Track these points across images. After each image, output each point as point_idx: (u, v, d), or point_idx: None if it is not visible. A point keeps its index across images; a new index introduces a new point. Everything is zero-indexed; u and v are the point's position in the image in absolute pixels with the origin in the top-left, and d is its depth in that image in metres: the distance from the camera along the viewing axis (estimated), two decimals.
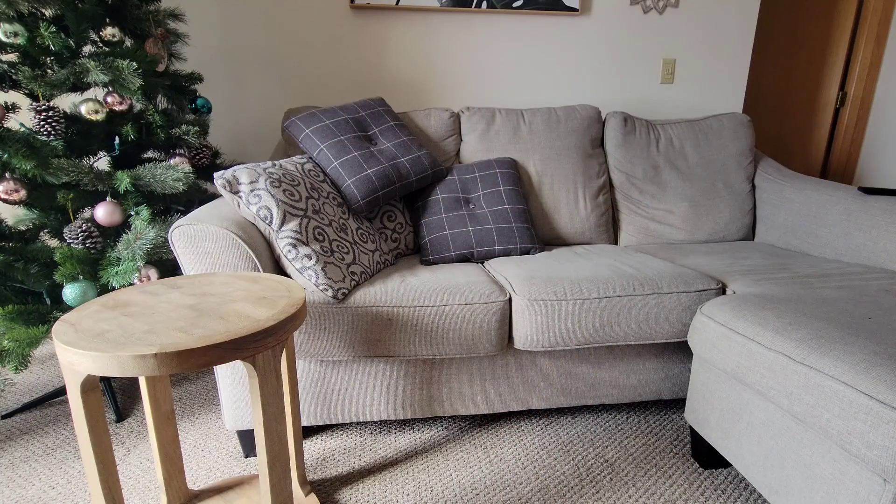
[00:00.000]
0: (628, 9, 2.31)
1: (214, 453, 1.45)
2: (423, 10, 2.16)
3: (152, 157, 1.73)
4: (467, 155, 2.01)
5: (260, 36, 2.13)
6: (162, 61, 1.69)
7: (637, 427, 1.58)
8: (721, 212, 2.12)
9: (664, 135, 2.15)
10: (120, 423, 1.58)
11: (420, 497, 1.28)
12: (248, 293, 1.04)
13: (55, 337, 0.85)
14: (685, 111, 2.40)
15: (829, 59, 3.01)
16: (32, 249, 1.49)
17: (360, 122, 1.78)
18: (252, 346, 0.87)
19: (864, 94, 2.88)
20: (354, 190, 1.59)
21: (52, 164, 1.39)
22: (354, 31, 2.17)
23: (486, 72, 2.29)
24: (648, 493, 1.30)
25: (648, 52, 2.38)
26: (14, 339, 1.33)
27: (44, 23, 1.40)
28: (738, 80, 2.49)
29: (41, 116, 1.39)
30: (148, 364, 0.80)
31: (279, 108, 2.09)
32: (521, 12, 2.21)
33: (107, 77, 1.43)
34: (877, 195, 1.87)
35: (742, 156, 2.17)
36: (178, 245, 1.26)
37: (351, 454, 1.45)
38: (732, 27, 2.40)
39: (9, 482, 1.34)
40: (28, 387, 1.77)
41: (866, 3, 2.81)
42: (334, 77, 2.20)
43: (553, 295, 1.39)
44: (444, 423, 1.59)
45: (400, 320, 1.34)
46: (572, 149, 2.03)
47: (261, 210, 1.31)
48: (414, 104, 2.21)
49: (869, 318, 1.26)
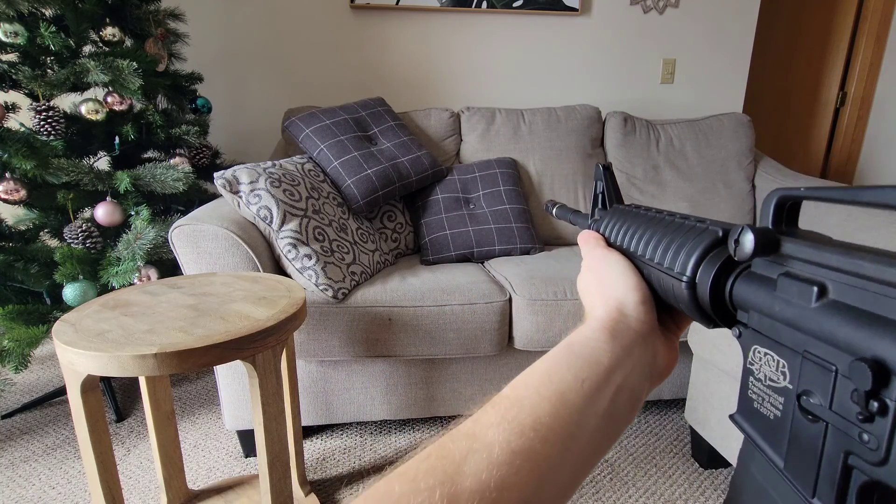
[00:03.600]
0: (628, 9, 2.31)
1: (214, 453, 1.45)
2: (423, 9, 2.16)
3: (152, 157, 1.73)
4: (467, 155, 2.01)
5: (260, 36, 2.13)
6: (162, 61, 1.69)
7: (637, 427, 1.58)
8: (721, 212, 2.12)
9: (664, 135, 2.15)
10: (120, 423, 1.58)
11: None
12: (248, 293, 1.04)
13: (55, 337, 0.85)
14: (685, 111, 2.40)
15: (829, 59, 3.01)
16: (32, 249, 1.49)
17: (360, 122, 1.78)
18: (252, 346, 0.87)
19: (864, 93, 2.88)
20: (354, 190, 1.59)
21: (52, 164, 1.39)
22: (354, 31, 2.17)
23: (486, 72, 2.29)
24: (648, 493, 1.30)
25: (648, 52, 2.38)
26: (14, 339, 1.33)
27: (44, 23, 1.40)
28: (738, 80, 2.49)
29: (41, 116, 1.39)
30: (148, 364, 0.80)
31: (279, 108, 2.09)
32: (521, 12, 2.21)
33: (107, 77, 1.42)
34: None
35: (742, 156, 2.17)
36: (178, 245, 1.26)
37: (351, 454, 1.45)
38: (732, 27, 2.40)
39: (9, 482, 1.34)
40: (28, 387, 1.77)
41: (866, 3, 2.81)
42: (334, 77, 2.20)
43: (553, 295, 1.39)
44: (444, 423, 1.59)
45: (400, 320, 1.33)
46: (572, 149, 2.03)
47: (261, 210, 1.31)
48: (414, 104, 2.21)
49: None
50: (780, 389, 0.23)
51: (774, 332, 0.23)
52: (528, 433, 0.25)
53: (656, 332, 0.34)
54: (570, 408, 0.27)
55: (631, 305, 0.33)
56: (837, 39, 2.95)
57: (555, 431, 0.26)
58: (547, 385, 0.28)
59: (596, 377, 0.29)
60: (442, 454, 0.24)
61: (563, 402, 0.27)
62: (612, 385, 0.29)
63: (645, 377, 0.32)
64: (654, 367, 0.33)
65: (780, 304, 0.23)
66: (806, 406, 0.21)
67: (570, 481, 0.27)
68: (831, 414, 0.20)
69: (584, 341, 0.31)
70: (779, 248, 0.24)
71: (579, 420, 0.27)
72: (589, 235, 0.42)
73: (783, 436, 0.23)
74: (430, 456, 0.24)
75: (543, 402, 0.27)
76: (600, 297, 0.35)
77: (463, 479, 0.22)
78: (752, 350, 0.25)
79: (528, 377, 0.29)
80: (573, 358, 0.30)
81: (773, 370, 0.23)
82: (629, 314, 0.33)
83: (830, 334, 0.20)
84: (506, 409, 0.26)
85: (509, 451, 0.24)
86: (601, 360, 0.30)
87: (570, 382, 0.28)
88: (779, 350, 0.23)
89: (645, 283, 0.35)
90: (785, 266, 0.24)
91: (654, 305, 0.35)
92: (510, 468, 0.23)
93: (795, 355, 0.22)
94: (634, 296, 0.34)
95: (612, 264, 0.36)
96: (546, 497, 0.25)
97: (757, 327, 0.25)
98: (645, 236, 0.35)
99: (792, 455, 0.22)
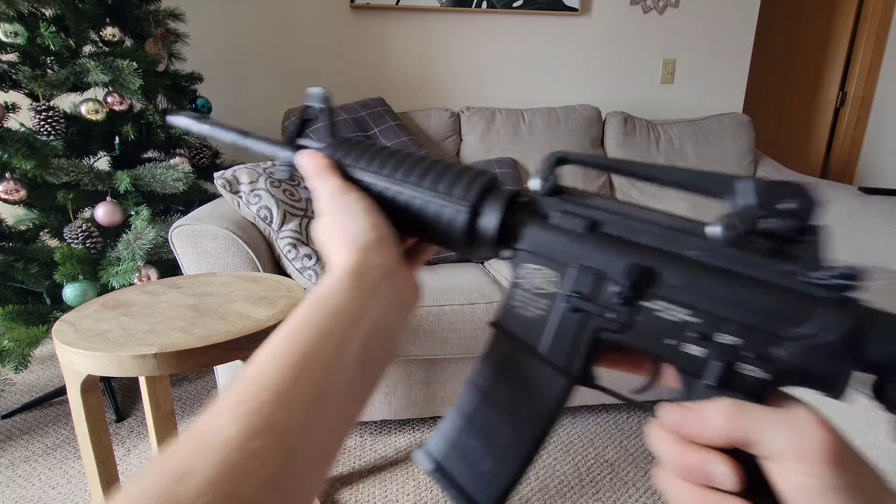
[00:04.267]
0: (628, 9, 2.31)
1: None
2: (423, 9, 2.16)
3: (152, 157, 1.73)
4: (467, 155, 2.01)
5: (260, 36, 2.13)
6: (162, 61, 1.69)
7: (637, 427, 1.58)
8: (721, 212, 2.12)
9: (664, 135, 2.15)
10: (120, 423, 1.58)
11: (420, 497, 1.28)
12: (248, 293, 1.04)
13: (55, 337, 0.85)
14: (685, 111, 2.40)
15: (829, 59, 3.01)
16: (32, 249, 1.49)
17: (360, 122, 1.78)
18: (252, 346, 0.87)
19: (864, 94, 2.88)
20: None
21: (52, 164, 1.39)
22: (354, 31, 2.17)
23: (486, 72, 2.29)
24: (648, 493, 1.30)
25: (648, 52, 2.37)
26: (14, 339, 1.33)
27: (44, 23, 1.40)
28: (738, 80, 2.49)
29: (41, 116, 1.38)
30: (148, 364, 0.80)
31: (279, 108, 2.09)
32: (521, 12, 2.21)
33: (107, 77, 1.42)
34: (877, 195, 1.87)
35: (742, 156, 2.18)
36: (178, 245, 1.26)
37: (351, 454, 1.45)
38: (732, 27, 2.40)
39: (9, 482, 1.34)
40: (28, 387, 1.77)
41: (866, 3, 2.81)
42: (334, 77, 2.20)
43: None
44: None
45: None
46: (572, 149, 2.03)
47: (261, 210, 1.31)
48: (414, 104, 2.21)
49: None
50: (547, 295, 0.31)
51: (549, 251, 0.31)
52: (266, 408, 0.23)
53: (400, 266, 0.34)
54: (316, 367, 0.26)
55: (373, 245, 0.33)
56: (837, 40, 2.95)
57: (300, 396, 0.25)
58: (289, 350, 0.26)
59: (343, 327, 0.28)
60: (162, 467, 0.21)
61: (309, 362, 0.26)
62: (361, 330, 0.28)
63: (397, 312, 0.32)
64: (403, 300, 0.33)
65: (557, 230, 0.31)
66: (571, 302, 0.30)
67: (328, 442, 0.26)
68: (592, 305, 0.29)
69: (330, 292, 0.30)
70: (561, 193, 0.32)
71: (328, 377, 0.26)
72: (321, 161, 0.37)
73: (544, 328, 0.31)
74: (150, 472, 0.21)
75: (286, 370, 0.25)
76: (342, 243, 0.33)
77: (185, 487, 0.20)
78: (521, 268, 0.32)
79: (269, 346, 0.28)
80: (318, 313, 0.28)
81: (543, 280, 0.31)
82: (372, 253, 0.32)
83: (601, 250, 0.30)
84: (243, 390, 0.24)
85: (246, 434, 0.22)
86: (348, 307, 0.29)
87: (314, 341, 0.27)
88: (551, 265, 0.31)
89: (385, 220, 0.35)
90: (561, 204, 0.32)
91: (396, 239, 0.35)
92: (244, 454, 0.21)
93: (568, 268, 0.30)
94: (375, 234, 0.33)
95: (352, 204, 0.35)
96: (301, 466, 0.23)
97: (530, 249, 0.32)
98: (412, 166, 0.36)
99: (555, 340, 0.30)
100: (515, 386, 0.31)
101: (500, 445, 0.31)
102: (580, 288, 0.30)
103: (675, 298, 0.27)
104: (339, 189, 0.35)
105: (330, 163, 0.37)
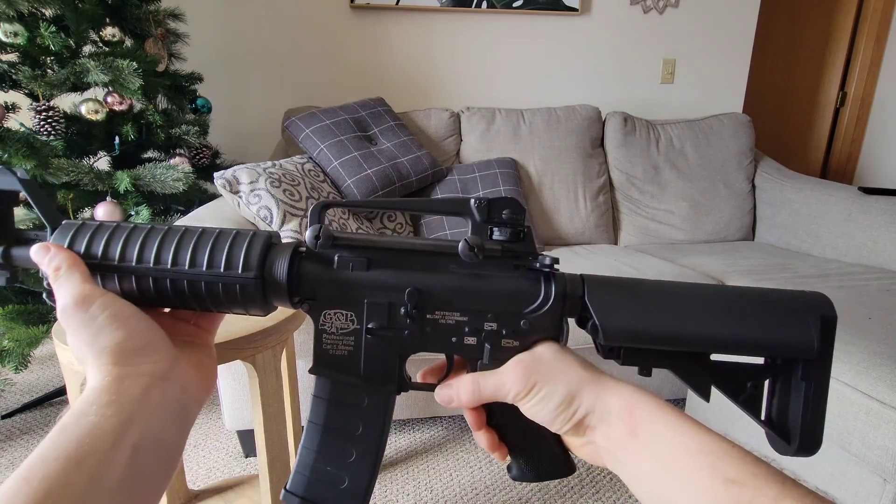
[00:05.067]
0: (628, 9, 2.31)
1: (214, 453, 1.45)
2: (423, 9, 2.16)
3: (152, 157, 1.73)
4: (467, 155, 2.01)
5: (260, 36, 2.13)
6: (162, 61, 1.69)
7: None
8: (721, 212, 2.12)
9: (664, 135, 2.15)
10: None
11: (420, 497, 1.28)
12: None
13: (55, 337, 0.85)
14: (685, 111, 2.40)
15: (829, 59, 3.01)
16: None
17: (360, 122, 1.78)
18: (252, 346, 0.87)
19: (864, 94, 2.88)
20: (354, 190, 1.59)
21: (52, 164, 1.39)
22: (354, 31, 2.17)
23: (486, 72, 2.29)
24: None
25: (648, 52, 2.37)
26: (14, 339, 1.33)
27: (44, 23, 1.40)
28: (738, 80, 2.49)
29: (41, 116, 1.38)
30: None
31: (279, 108, 2.08)
32: (521, 12, 2.21)
33: (107, 77, 1.42)
34: (877, 195, 1.87)
35: (742, 156, 2.17)
36: None
37: None
38: (732, 27, 2.40)
39: None
40: (28, 387, 1.77)
41: (866, 3, 2.81)
42: (334, 77, 2.20)
43: None
44: (444, 423, 1.59)
45: None
46: (572, 149, 2.03)
47: (261, 210, 1.31)
48: (414, 104, 2.21)
49: (869, 318, 1.26)
50: (351, 332, 0.35)
51: (341, 294, 0.35)
52: None
53: (176, 363, 0.31)
54: (67, 500, 0.23)
55: (132, 354, 0.29)
56: (837, 40, 2.95)
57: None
58: (32, 487, 0.23)
59: (99, 449, 0.25)
60: None
61: (57, 500, 0.23)
62: (124, 449, 0.26)
63: (175, 417, 0.30)
64: (185, 398, 0.31)
65: (343, 274, 0.35)
66: (372, 333, 0.35)
67: None
68: (389, 330, 0.35)
69: (78, 417, 0.26)
70: (336, 239, 0.35)
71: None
72: (60, 256, 0.31)
73: (358, 360, 0.36)
74: None
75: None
76: (91, 357, 0.29)
77: None
78: (322, 314, 0.35)
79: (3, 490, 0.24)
80: (64, 439, 0.25)
81: (343, 321, 0.35)
82: (133, 363, 0.29)
83: (383, 283, 0.35)
84: None
85: None
86: (103, 426, 0.26)
87: (60, 474, 0.24)
88: (346, 306, 0.35)
89: (145, 322, 0.31)
90: (337, 250, 0.35)
91: (164, 339, 0.32)
92: None
93: (359, 305, 0.35)
94: (133, 343, 0.30)
95: (97, 315, 0.29)
96: None
97: (324, 297, 0.35)
98: (176, 245, 0.33)
99: (367, 368, 0.36)
100: (348, 411, 0.36)
101: (350, 462, 0.36)
102: (375, 320, 0.35)
103: (447, 307, 0.35)
104: (79, 299, 0.29)
105: (71, 258, 0.31)
